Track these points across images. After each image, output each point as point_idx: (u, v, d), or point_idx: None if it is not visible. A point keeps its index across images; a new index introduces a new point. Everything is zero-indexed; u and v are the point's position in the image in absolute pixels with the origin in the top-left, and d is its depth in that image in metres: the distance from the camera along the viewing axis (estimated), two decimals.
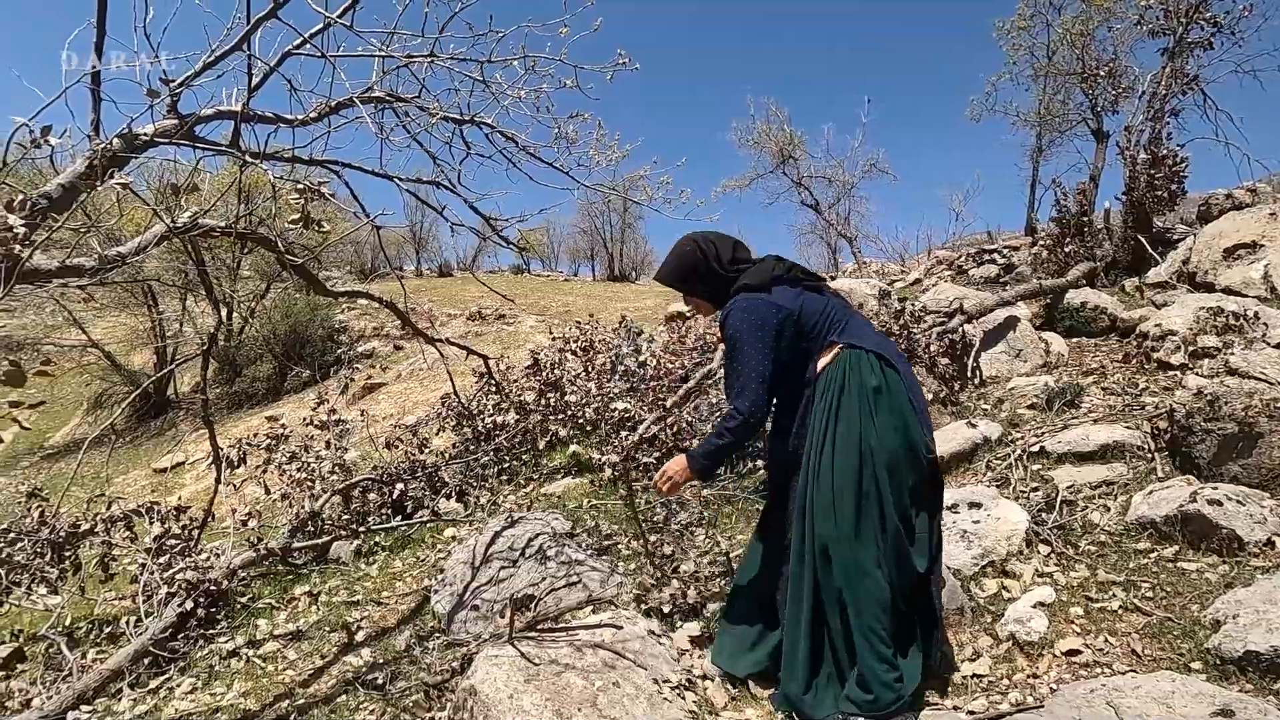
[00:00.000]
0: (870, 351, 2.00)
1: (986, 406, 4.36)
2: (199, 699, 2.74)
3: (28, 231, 1.75)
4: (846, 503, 1.89)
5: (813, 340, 2.04)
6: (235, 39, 2.21)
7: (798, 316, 2.03)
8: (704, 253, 2.14)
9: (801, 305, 2.05)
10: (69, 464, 11.34)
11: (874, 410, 1.92)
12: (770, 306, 2.02)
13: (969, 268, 10.02)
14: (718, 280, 2.13)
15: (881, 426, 1.92)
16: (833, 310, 2.09)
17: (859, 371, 1.97)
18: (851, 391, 1.95)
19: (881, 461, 1.90)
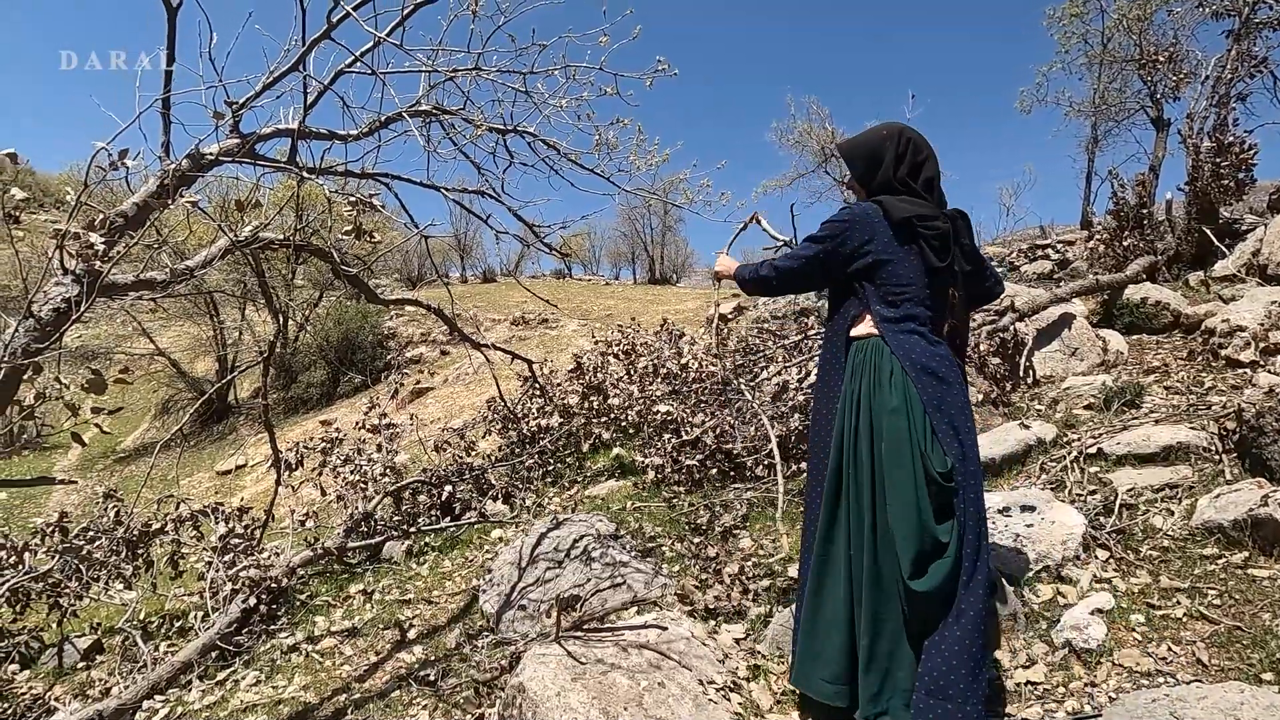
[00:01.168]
0: (903, 365, 1.86)
1: (1040, 407, 4.23)
2: (262, 691, 2.87)
3: (106, 248, 1.87)
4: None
5: (870, 293, 1.91)
6: (292, 60, 2.32)
7: (881, 257, 1.88)
8: (893, 143, 1.97)
9: (894, 254, 1.88)
10: (140, 466, 11.96)
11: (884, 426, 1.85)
12: (867, 214, 1.91)
13: (1021, 264, 9.73)
14: (878, 176, 1.97)
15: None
16: (910, 291, 1.90)
17: (881, 372, 1.88)
18: (872, 384, 1.88)
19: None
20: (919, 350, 1.89)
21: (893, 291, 1.90)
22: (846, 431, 1.91)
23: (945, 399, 1.86)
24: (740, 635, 2.47)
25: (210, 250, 2.36)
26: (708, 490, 4.00)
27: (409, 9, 2.41)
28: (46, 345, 1.79)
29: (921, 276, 1.91)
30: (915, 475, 1.79)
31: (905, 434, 1.82)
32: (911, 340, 1.89)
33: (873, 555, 1.84)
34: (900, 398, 1.84)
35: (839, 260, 1.95)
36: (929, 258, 1.91)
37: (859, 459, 1.88)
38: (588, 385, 5.39)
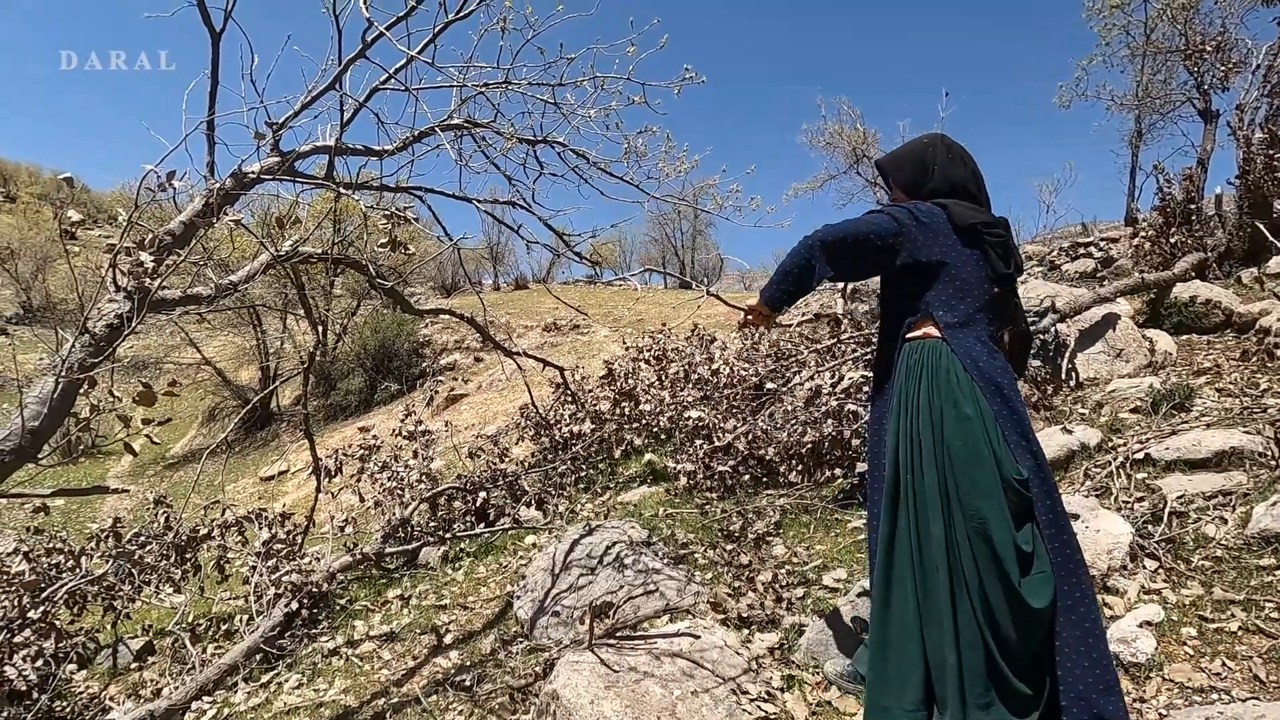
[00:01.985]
0: (967, 370, 1.78)
1: (1084, 411, 4.11)
2: (304, 694, 2.94)
3: (156, 265, 1.95)
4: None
5: (930, 300, 1.82)
6: (329, 79, 2.39)
7: (944, 259, 1.80)
8: (936, 152, 1.93)
9: (956, 257, 1.81)
10: (188, 472, 12.36)
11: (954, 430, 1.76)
12: (934, 212, 1.82)
13: (1062, 263, 9.48)
14: (925, 184, 1.92)
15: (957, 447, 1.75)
16: (972, 297, 1.83)
17: (946, 376, 1.78)
18: (935, 389, 1.78)
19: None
20: (984, 359, 1.81)
21: (955, 296, 1.82)
22: (903, 437, 1.81)
23: (1011, 408, 1.79)
24: (774, 644, 2.45)
25: (253, 265, 2.44)
26: (740, 496, 3.98)
27: (440, 27, 2.46)
28: (100, 359, 1.87)
29: (983, 283, 1.85)
30: (995, 479, 1.71)
31: (981, 437, 1.72)
32: (977, 348, 1.82)
33: (946, 567, 1.73)
34: (971, 402, 1.75)
35: (898, 245, 1.80)
36: (995, 264, 1.86)
37: (920, 466, 1.77)
38: (619, 391, 5.41)
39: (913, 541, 1.78)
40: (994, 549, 1.68)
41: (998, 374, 1.81)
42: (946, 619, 1.70)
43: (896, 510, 1.82)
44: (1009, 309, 2.00)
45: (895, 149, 2.06)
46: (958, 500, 1.73)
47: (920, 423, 1.79)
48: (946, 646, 1.69)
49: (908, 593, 1.77)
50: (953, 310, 1.82)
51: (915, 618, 1.76)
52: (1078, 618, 1.70)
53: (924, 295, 1.84)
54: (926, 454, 1.77)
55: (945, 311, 1.82)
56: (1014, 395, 1.82)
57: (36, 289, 20.48)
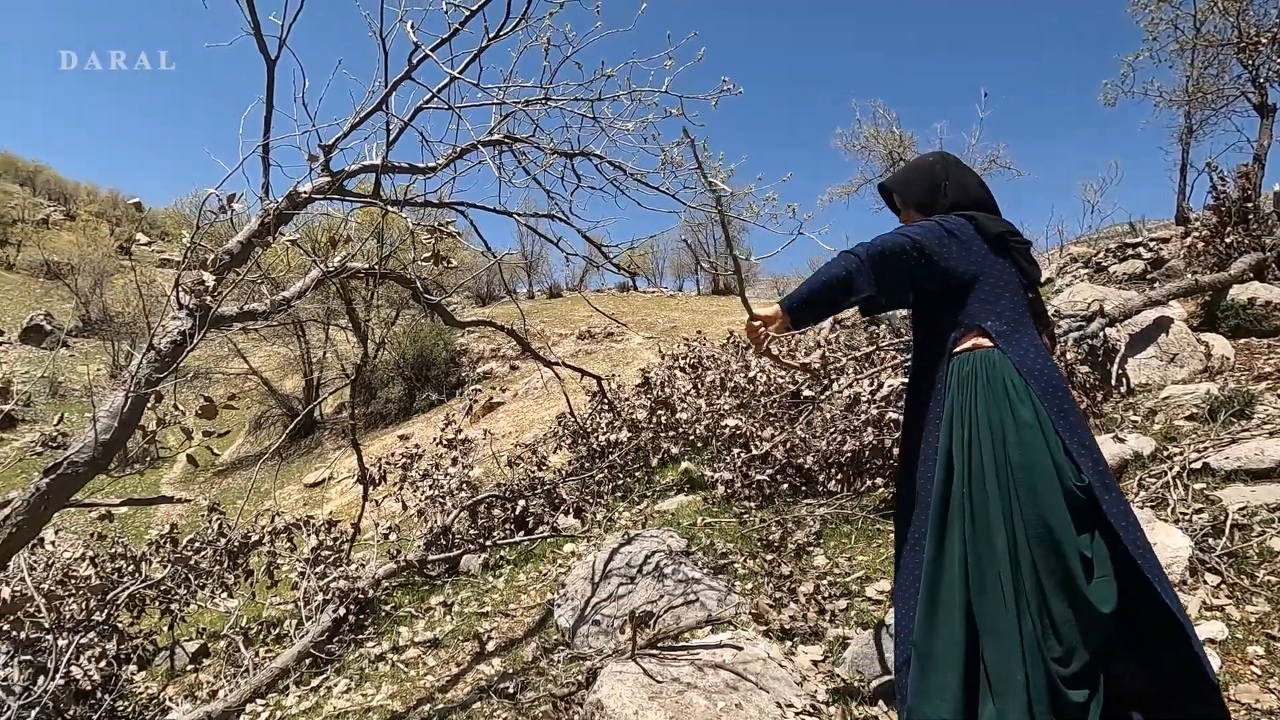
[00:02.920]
0: (1023, 376, 1.75)
1: (1136, 418, 3.98)
2: (353, 699, 3.01)
3: (216, 284, 2.04)
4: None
5: (973, 311, 1.80)
6: (376, 100, 2.47)
7: (981, 271, 1.78)
8: (944, 169, 1.94)
9: (992, 266, 1.80)
10: (237, 479, 12.76)
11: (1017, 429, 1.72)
12: (963, 227, 1.80)
13: (1109, 264, 9.19)
14: (938, 200, 1.91)
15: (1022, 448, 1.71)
16: (1015, 304, 1.81)
17: (1002, 384, 1.75)
18: (994, 398, 1.75)
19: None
20: (1039, 364, 1.79)
21: (998, 305, 1.81)
22: (958, 449, 1.78)
23: (1067, 413, 1.76)
24: (818, 657, 2.43)
25: (304, 281, 2.53)
26: (779, 505, 3.95)
27: (481, 46, 2.52)
28: (165, 374, 1.96)
29: (1019, 290, 1.85)
30: (1056, 486, 1.67)
31: (1041, 444, 1.70)
32: (1031, 353, 1.80)
33: (1011, 579, 1.68)
34: (1031, 411, 1.72)
35: (935, 257, 1.78)
36: (1028, 270, 1.87)
37: (981, 477, 1.74)
38: (655, 400, 5.42)
39: (965, 557, 1.74)
40: (1061, 555, 1.64)
41: (1053, 379, 1.79)
42: (1015, 633, 1.66)
43: (946, 526, 1.78)
44: (1043, 313, 2.00)
45: (898, 171, 2.05)
46: (1019, 510, 1.70)
47: (979, 433, 1.75)
48: (1014, 661, 1.65)
49: (956, 611, 1.74)
50: (1000, 318, 1.80)
51: (964, 634, 1.73)
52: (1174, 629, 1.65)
53: (965, 308, 1.82)
54: (987, 464, 1.73)
55: (994, 321, 1.80)
56: (1070, 400, 1.80)
57: (95, 303, 21.40)
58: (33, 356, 18.90)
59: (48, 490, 1.81)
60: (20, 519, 1.76)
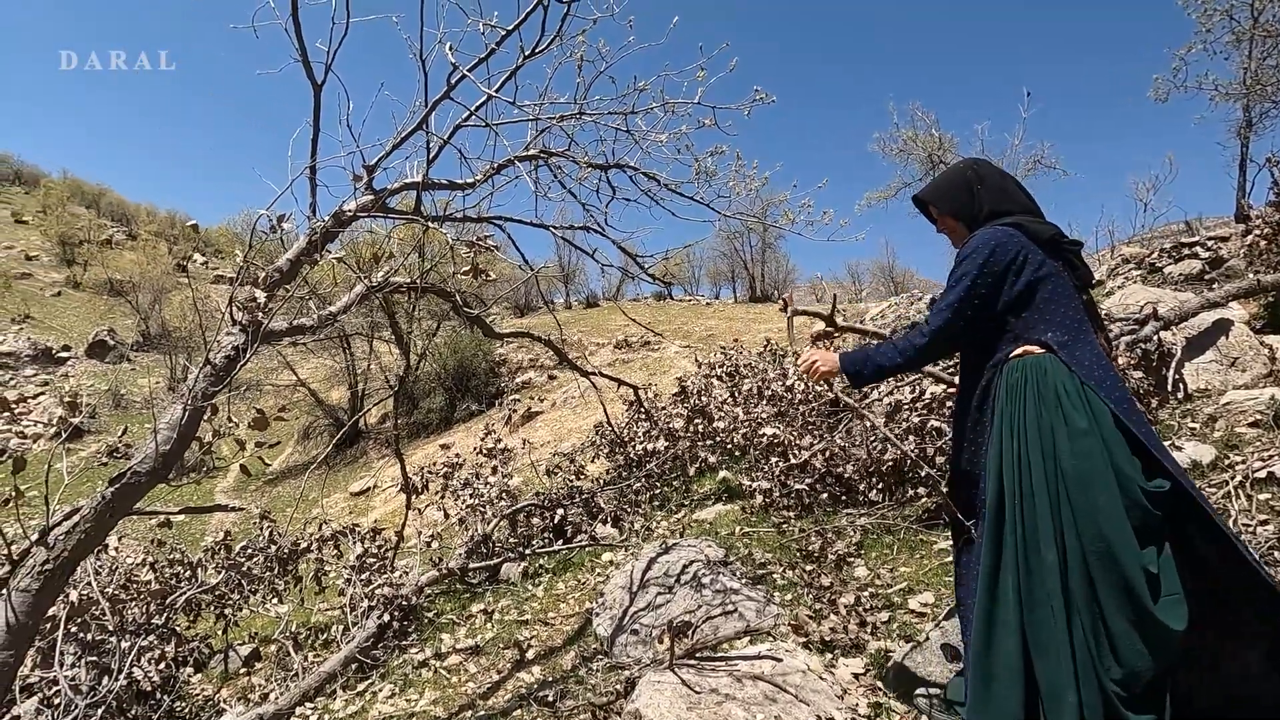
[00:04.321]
0: (1082, 381, 1.70)
1: (1194, 425, 3.82)
2: (397, 704, 3.07)
3: (267, 300, 2.12)
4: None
5: (1030, 321, 1.76)
6: (417, 120, 2.54)
7: (1037, 277, 1.74)
8: (976, 173, 1.93)
9: (1047, 273, 1.76)
10: (286, 488, 13.15)
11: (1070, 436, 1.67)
12: (1011, 238, 1.76)
13: (1164, 265, 8.85)
14: (975, 205, 1.89)
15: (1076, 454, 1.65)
16: (1072, 309, 1.77)
17: (1054, 391, 1.70)
18: (1045, 405, 1.70)
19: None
20: (1099, 369, 1.73)
21: (1057, 312, 1.76)
22: (1008, 460, 1.73)
23: (1135, 417, 1.69)
24: (859, 670, 2.39)
25: (349, 296, 2.61)
26: (819, 515, 3.91)
27: (517, 65, 2.58)
28: (220, 388, 2.04)
29: (1074, 295, 1.80)
30: (1117, 497, 1.61)
31: (1099, 452, 1.63)
32: (1090, 358, 1.74)
33: (1061, 595, 1.64)
34: (1086, 417, 1.66)
35: (995, 288, 1.76)
36: (1081, 272, 1.83)
37: (1031, 489, 1.69)
38: (692, 408, 5.42)
39: (1019, 571, 1.70)
40: (1123, 573, 1.58)
41: (1116, 383, 1.72)
42: (1065, 650, 1.62)
43: (1001, 539, 1.74)
44: (1097, 315, 1.93)
45: (931, 181, 2.03)
46: (1073, 523, 1.64)
47: (1028, 442, 1.71)
48: (1064, 680, 1.61)
49: (1012, 624, 1.69)
50: (1060, 328, 1.75)
51: (1019, 649, 1.68)
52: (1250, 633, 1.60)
53: (1021, 319, 1.77)
54: (1037, 475, 1.69)
55: (1054, 332, 1.75)
56: (1135, 406, 1.73)
57: (154, 318, 22.40)
58: (97, 370, 19.86)
59: (113, 499, 1.91)
60: (88, 526, 1.86)
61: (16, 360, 19.36)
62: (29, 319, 22.05)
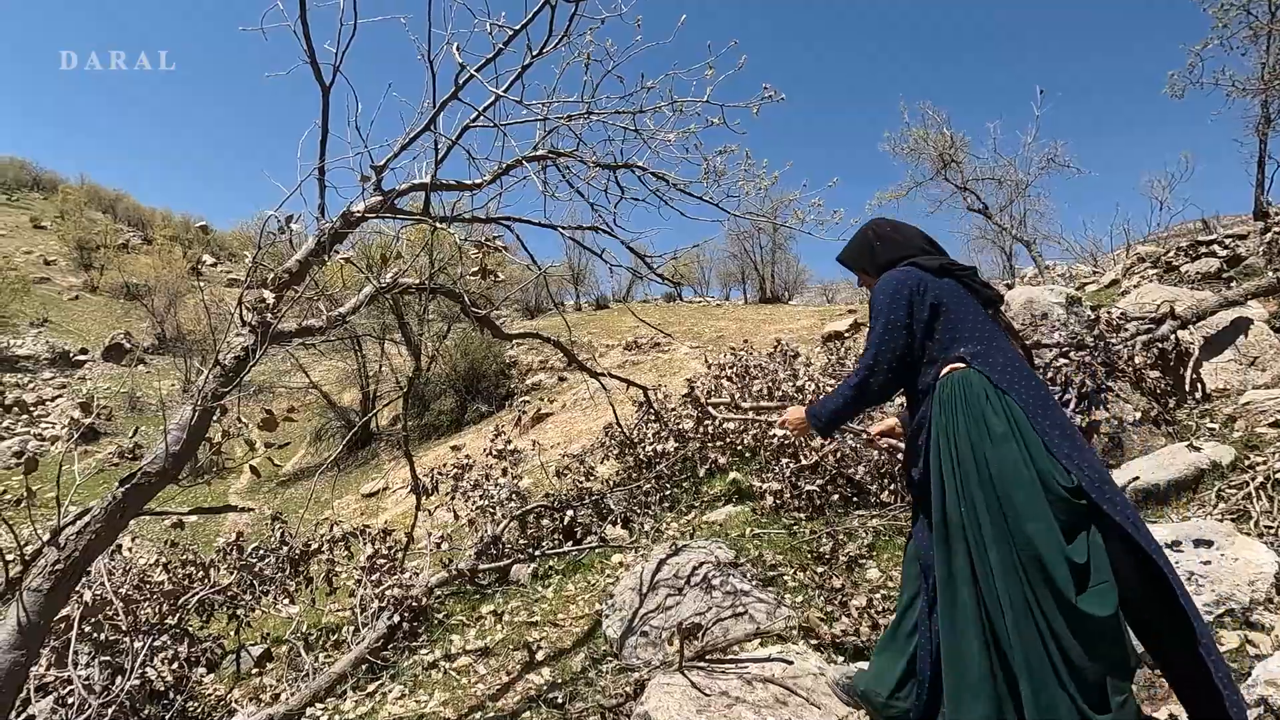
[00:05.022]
0: (996, 386, 1.82)
1: (1212, 426, 3.76)
2: (407, 705, 3.07)
3: (276, 301, 2.13)
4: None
5: (944, 341, 1.92)
6: (425, 121, 2.54)
7: (939, 300, 1.93)
8: (874, 232, 2.17)
9: (947, 295, 1.95)
10: (298, 489, 13.23)
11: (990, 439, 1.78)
12: (908, 274, 1.97)
13: (1180, 263, 8.74)
14: (877, 258, 2.13)
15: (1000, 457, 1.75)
16: (980, 322, 1.94)
17: (978, 400, 1.82)
18: (971, 415, 1.81)
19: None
20: (1016, 374, 1.86)
21: (964, 329, 1.92)
22: (948, 470, 1.82)
23: (1052, 418, 1.80)
24: None
25: (359, 297, 2.62)
26: (830, 517, 3.88)
27: (525, 65, 2.58)
28: (230, 389, 2.05)
29: (979, 310, 1.98)
30: (1038, 495, 1.70)
31: (1018, 455, 1.74)
32: (1006, 366, 1.87)
33: (1016, 590, 1.70)
34: (1004, 422, 1.78)
35: (907, 316, 1.93)
36: (982, 291, 2.01)
37: (971, 493, 1.77)
38: (702, 410, 5.39)
39: (974, 579, 1.77)
40: (1045, 570, 1.66)
41: (1034, 387, 1.85)
42: (1023, 653, 1.67)
43: (950, 547, 1.81)
44: (1012, 328, 2.10)
45: (844, 248, 2.29)
46: (1005, 527, 1.72)
47: (961, 450, 1.80)
48: (1025, 680, 1.66)
49: (972, 631, 1.75)
50: (971, 340, 1.91)
51: (984, 653, 1.74)
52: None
53: (937, 341, 1.93)
54: (972, 480, 1.77)
55: (965, 346, 1.90)
56: (1054, 406, 1.84)
57: (169, 321, 22.63)
58: (113, 373, 20.08)
59: (124, 499, 1.92)
60: (99, 526, 1.87)
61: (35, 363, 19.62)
62: (47, 322, 22.34)
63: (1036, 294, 5.55)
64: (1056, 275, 11.13)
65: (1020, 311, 5.38)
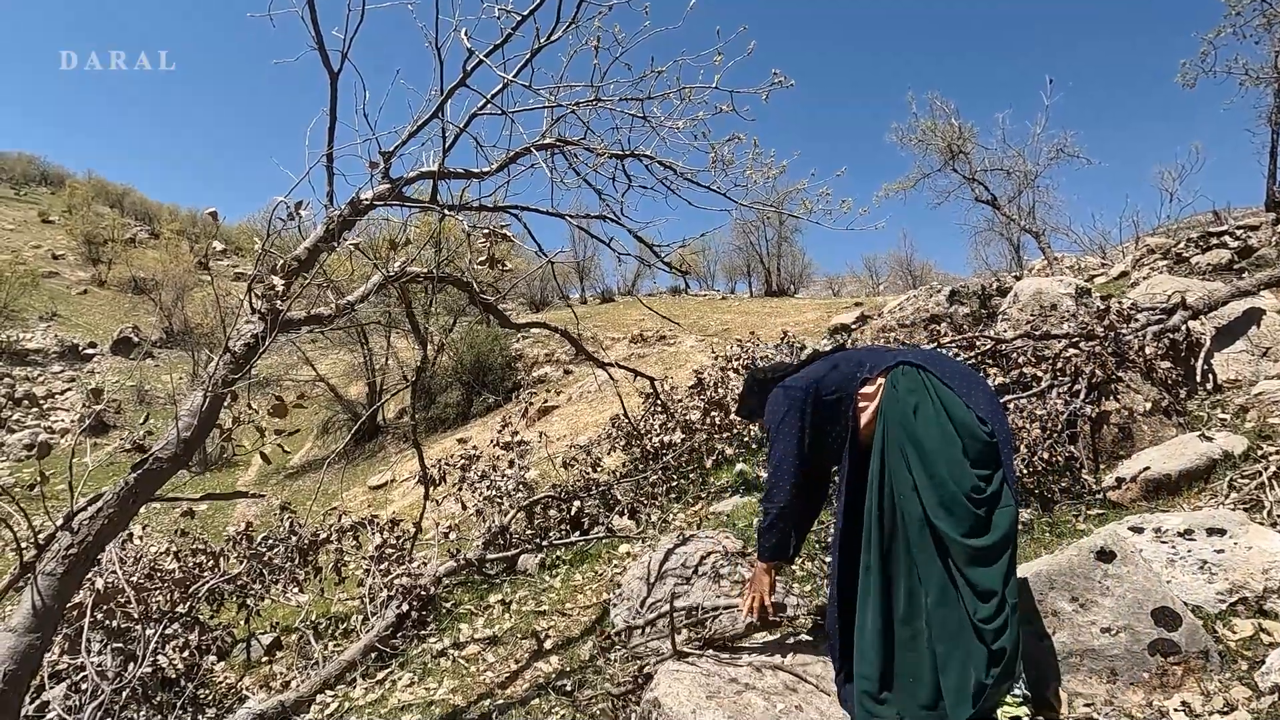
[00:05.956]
0: (908, 364, 2.12)
1: (1224, 416, 3.73)
2: (416, 692, 3.08)
3: (285, 288, 2.13)
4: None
5: (844, 393, 2.17)
6: (433, 108, 2.54)
7: (817, 384, 2.19)
8: (752, 376, 2.47)
9: (821, 372, 2.23)
10: (307, 481, 13.29)
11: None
12: (782, 389, 2.24)
13: (1191, 254, 8.66)
14: (759, 397, 2.38)
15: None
16: (855, 357, 2.25)
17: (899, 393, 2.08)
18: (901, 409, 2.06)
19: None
20: (902, 351, 2.27)
21: (848, 364, 2.23)
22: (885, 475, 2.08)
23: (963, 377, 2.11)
24: None
25: (366, 286, 2.62)
26: (836, 507, 3.86)
27: (533, 51, 2.56)
28: (240, 375, 2.05)
29: (846, 359, 2.29)
30: (953, 438, 1.97)
31: (935, 412, 2.02)
32: (883, 351, 2.29)
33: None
34: (921, 394, 2.07)
35: (813, 412, 2.17)
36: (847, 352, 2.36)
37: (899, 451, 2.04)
38: (709, 401, 5.38)
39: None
40: (948, 489, 1.93)
41: (932, 356, 2.22)
42: (920, 618, 1.93)
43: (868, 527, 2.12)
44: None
45: (736, 408, 2.68)
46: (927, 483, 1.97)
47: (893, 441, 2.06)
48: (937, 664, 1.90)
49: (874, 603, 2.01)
50: (864, 370, 2.19)
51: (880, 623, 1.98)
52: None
53: (841, 392, 2.19)
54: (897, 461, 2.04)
55: (864, 371, 2.18)
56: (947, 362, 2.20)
57: (177, 315, 22.73)
58: (122, 367, 20.20)
59: (135, 484, 1.93)
60: (111, 511, 1.88)
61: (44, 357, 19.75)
62: (56, 316, 22.48)
63: (1046, 285, 5.51)
64: (1065, 267, 11.06)
65: (1029, 302, 5.34)
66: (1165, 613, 2.03)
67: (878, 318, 9.58)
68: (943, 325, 5.97)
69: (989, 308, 6.91)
